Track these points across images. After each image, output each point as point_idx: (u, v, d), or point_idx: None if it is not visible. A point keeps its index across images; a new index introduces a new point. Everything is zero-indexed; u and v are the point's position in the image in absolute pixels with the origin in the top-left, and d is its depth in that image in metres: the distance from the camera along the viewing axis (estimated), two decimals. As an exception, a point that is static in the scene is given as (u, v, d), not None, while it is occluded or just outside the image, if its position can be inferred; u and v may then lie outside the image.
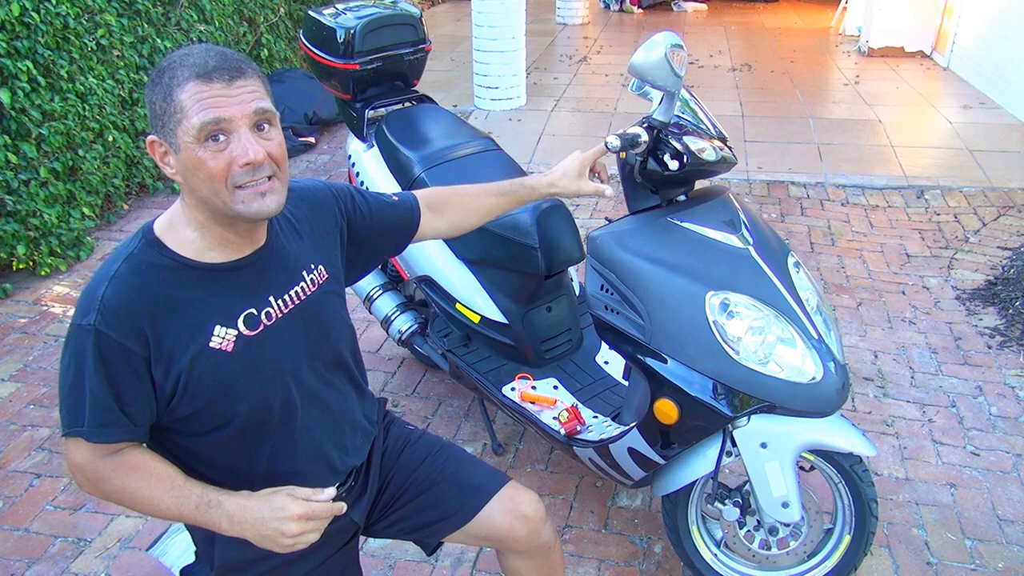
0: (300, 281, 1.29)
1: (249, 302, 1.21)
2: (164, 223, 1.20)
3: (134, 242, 1.18)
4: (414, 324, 2.60)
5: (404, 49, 2.70)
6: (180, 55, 1.11)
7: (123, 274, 1.14)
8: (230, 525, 1.15)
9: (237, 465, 1.25)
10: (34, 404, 2.77)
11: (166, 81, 1.09)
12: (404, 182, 2.44)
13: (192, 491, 1.16)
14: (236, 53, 1.15)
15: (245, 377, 1.20)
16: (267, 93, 1.15)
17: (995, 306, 3.30)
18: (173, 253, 1.17)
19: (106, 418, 1.13)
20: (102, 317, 1.11)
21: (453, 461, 1.53)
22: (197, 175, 1.10)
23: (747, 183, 4.61)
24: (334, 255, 1.40)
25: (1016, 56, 5.64)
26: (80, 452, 1.16)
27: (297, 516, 1.13)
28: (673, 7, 10.48)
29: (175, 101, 1.08)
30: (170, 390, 1.16)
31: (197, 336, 1.16)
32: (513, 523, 1.46)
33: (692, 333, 1.62)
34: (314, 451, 1.33)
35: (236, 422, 1.21)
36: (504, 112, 5.91)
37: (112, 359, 1.11)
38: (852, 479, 1.80)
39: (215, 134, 1.08)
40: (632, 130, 1.67)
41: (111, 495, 1.18)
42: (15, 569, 2.10)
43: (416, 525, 1.50)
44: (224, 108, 1.08)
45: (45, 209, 3.52)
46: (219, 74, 1.08)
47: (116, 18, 3.98)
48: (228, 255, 1.20)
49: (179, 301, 1.15)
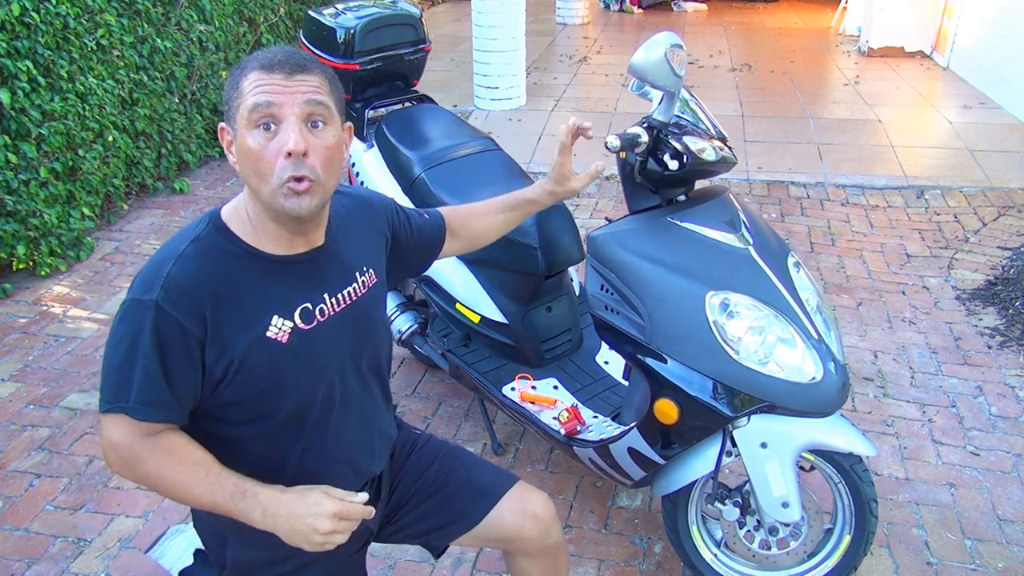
0: (353, 282, 1.31)
1: (305, 296, 1.22)
2: (230, 210, 1.21)
3: (201, 225, 1.19)
4: (414, 324, 2.60)
5: (404, 49, 2.70)
6: (258, 51, 1.15)
7: (191, 254, 1.14)
8: (263, 517, 1.14)
9: (269, 459, 1.25)
10: (34, 404, 2.77)
11: (238, 72, 1.14)
12: (404, 182, 2.44)
13: (228, 479, 1.15)
14: (310, 57, 1.16)
15: (295, 371, 1.21)
16: (330, 92, 1.16)
17: (995, 306, 3.30)
18: (239, 239, 1.18)
19: (153, 396, 1.12)
20: (165, 294, 1.11)
21: (461, 464, 1.53)
22: (246, 162, 1.12)
23: (747, 183, 4.61)
24: (380, 261, 1.42)
25: (1016, 56, 5.64)
26: (119, 430, 1.14)
27: (332, 513, 1.13)
28: (673, 7, 10.48)
29: (238, 88, 1.12)
30: (219, 375, 1.15)
31: (255, 324, 1.16)
32: (523, 523, 1.46)
33: (692, 333, 1.62)
34: (344, 453, 1.33)
35: (278, 415, 1.22)
36: (504, 112, 5.91)
37: (168, 337, 1.11)
38: (852, 479, 1.80)
39: (266, 121, 1.10)
40: (632, 130, 1.67)
41: (144, 477, 1.16)
42: (15, 569, 2.10)
43: (426, 529, 1.50)
44: (277, 95, 1.10)
45: (45, 209, 3.52)
46: (281, 67, 1.11)
47: (116, 18, 3.97)
48: (286, 249, 1.21)
49: (241, 287, 1.16)
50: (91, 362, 3.01)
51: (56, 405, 2.76)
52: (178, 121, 4.64)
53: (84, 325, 3.26)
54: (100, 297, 3.48)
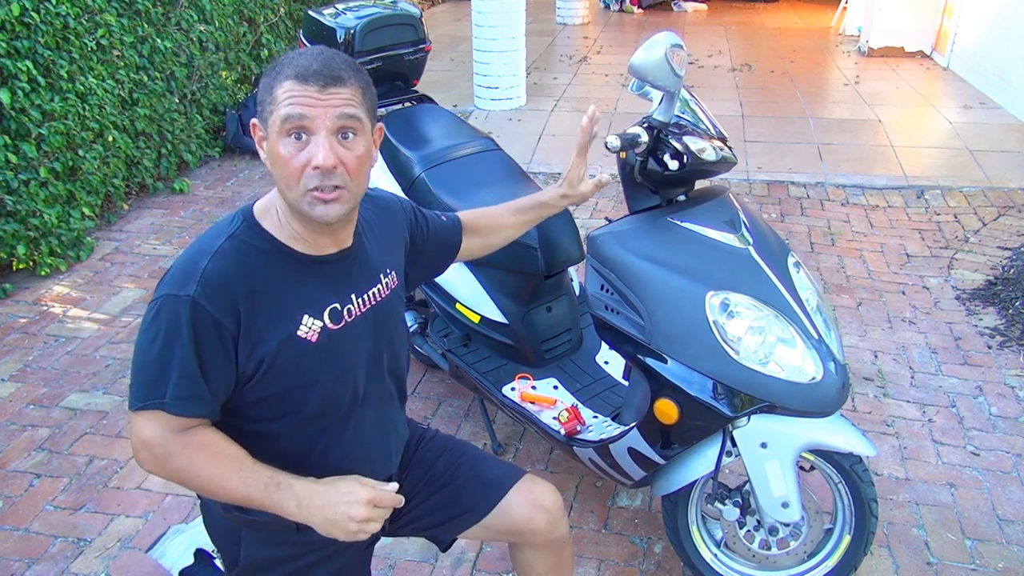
0: (377, 283, 1.33)
1: (334, 297, 1.24)
2: (262, 207, 1.23)
3: (236, 222, 1.20)
4: (414, 324, 2.60)
5: (404, 49, 2.70)
6: (294, 54, 1.16)
7: (227, 250, 1.16)
8: (298, 508, 1.15)
9: (290, 456, 1.25)
10: (34, 404, 2.77)
11: (273, 74, 1.15)
12: (404, 182, 2.44)
13: (262, 472, 1.16)
14: (345, 60, 1.16)
15: (322, 370, 1.22)
16: (362, 103, 1.16)
17: (995, 306, 3.30)
18: (272, 237, 1.20)
19: (191, 391, 1.13)
20: (202, 290, 1.11)
21: (468, 457, 1.54)
22: (276, 166, 1.15)
23: (747, 183, 4.61)
24: (400, 264, 1.44)
25: (1016, 56, 5.64)
26: (152, 426, 1.13)
27: (366, 500, 1.15)
28: (673, 7, 10.49)
29: (272, 93, 1.13)
30: (251, 372, 1.17)
31: (287, 322, 1.18)
32: (532, 514, 1.47)
33: (692, 333, 1.62)
34: (362, 452, 1.34)
35: (303, 412, 1.23)
36: (504, 112, 5.91)
37: (204, 333, 1.12)
38: (852, 479, 1.80)
39: (297, 132, 1.12)
40: (632, 130, 1.68)
41: (176, 473, 1.16)
42: (15, 569, 2.10)
43: (435, 522, 1.50)
44: (310, 108, 1.11)
45: (45, 209, 3.52)
46: (316, 78, 1.11)
47: (116, 18, 3.97)
48: (314, 249, 1.23)
49: (274, 285, 1.18)
50: (91, 362, 3.01)
51: (56, 405, 2.76)
52: (178, 121, 4.64)
53: (84, 325, 3.26)
54: (100, 297, 3.48)
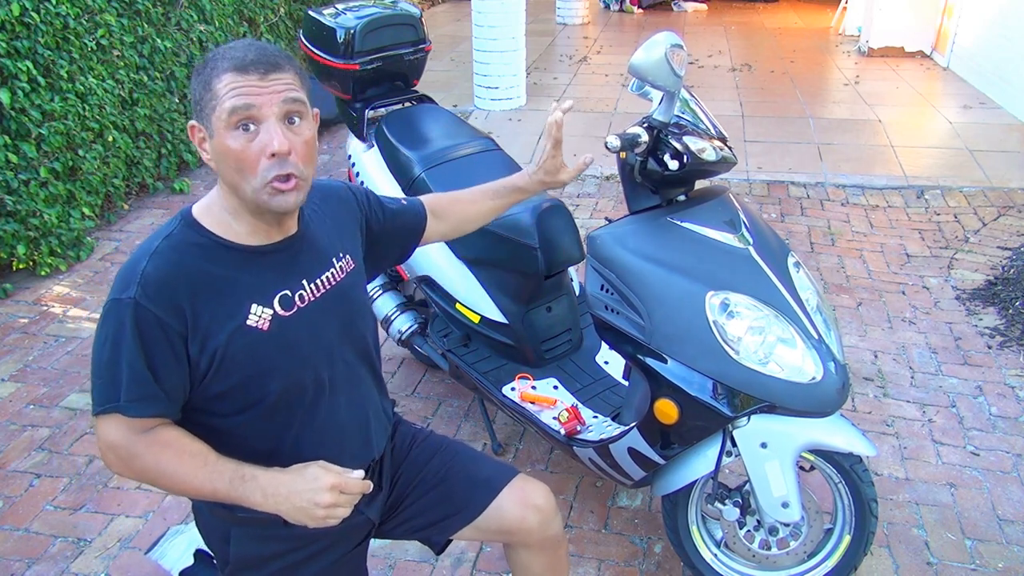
0: (330, 267, 1.33)
1: (283, 284, 1.24)
2: (202, 206, 1.23)
3: (174, 223, 1.21)
4: (414, 324, 2.60)
5: (404, 49, 2.70)
6: (224, 48, 1.16)
7: (164, 250, 1.17)
8: (263, 499, 1.16)
9: (263, 447, 1.26)
10: (34, 404, 2.77)
11: (208, 71, 1.14)
12: (404, 182, 2.44)
13: (226, 466, 1.17)
14: (277, 49, 1.18)
15: (279, 357, 1.22)
16: (302, 87, 1.17)
17: (995, 306, 3.30)
18: (210, 233, 1.20)
19: (143, 392, 1.14)
20: (142, 291, 1.13)
21: (461, 457, 1.54)
22: (226, 162, 1.14)
23: (747, 183, 4.61)
24: (356, 247, 1.44)
25: (1016, 56, 5.64)
26: (113, 429, 1.15)
27: (331, 486, 1.15)
28: (673, 7, 10.48)
29: (212, 90, 1.12)
30: (204, 367, 1.17)
31: (235, 314, 1.18)
32: (525, 514, 1.47)
33: (692, 333, 1.62)
34: (338, 439, 1.34)
35: (266, 402, 1.23)
36: (504, 112, 5.91)
37: (150, 333, 1.13)
38: (852, 479, 1.80)
39: (245, 123, 1.12)
40: (632, 130, 1.68)
41: (142, 473, 1.18)
42: (15, 569, 2.10)
43: (427, 522, 1.50)
44: (255, 96, 1.11)
45: (45, 209, 3.52)
46: (255, 67, 1.12)
47: (116, 18, 3.97)
48: (261, 240, 1.23)
49: (217, 279, 1.18)
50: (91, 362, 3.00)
51: (56, 405, 2.76)
52: (178, 121, 4.64)
53: (84, 325, 3.26)
54: (100, 297, 3.48)
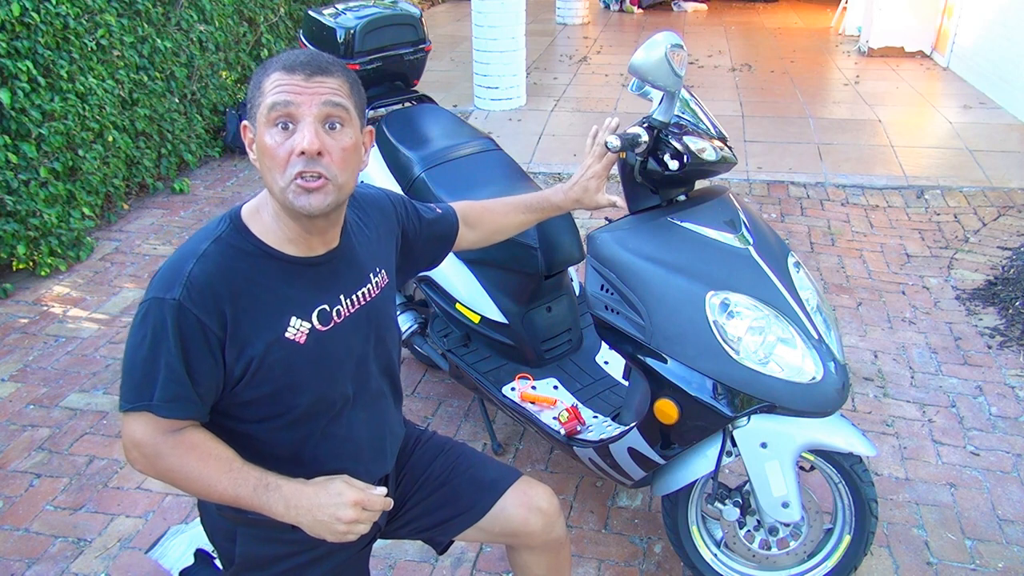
0: (367, 283, 1.32)
1: (323, 298, 1.24)
2: (251, 209, 1.23)
3: (222, 225, 1.20)
4: (414, 324, 2.60)
5: (404, 49, 2.70)
6: (282, 54, 1.17)
7: (212, 254, 1.16)
8: (285, 509, 1.16)
9: (282, 456, 1.26)
10: (34, 404, 2.77)
11: (261, 72, 1.16)
12: (404, 182, 2.44)
13: (251, 473, 1.17)
14: (333, 59, 1.18)
15: (312, 371, 1.22)
16: (349, 95, 1.17)
17: (995, 306, 3.30)
18: (258, 240, 1.20)
19: (177, 393, 1.13)
20: (187, 292, 1.12)
21: (464, 459, 1.54)
22: (262, 159, 1.15)
23: (747, 183, 4.61)
24: (391, 261, 1.44)
25: (1016, 56, 5.64)
26: (141, 427, 1.15)
27: (354, 502, 1.15)
28: (673, 7, 10.48)
29: (260, 88, 1.14)
30: (239, 374, 1.17)
31: (274, 325, 1.18)
32: (528, 516, 1.47)
33: (692, 333, 1.62)
34: (355, 452, 1.34)
35: (292, 414, 1.23)
36: (504, 112, 5.91)
37: (191, 335, 1.13)
38: (852, 479, 1.80)
39: (284, 120, 1.12)
40: (632, 130, 1.68)
41: (166, 473, 1.17)
42: (15, 569, 2.10)
43: (430, 523, 1.50)
44: (296, 95, 1.11)
45: (45, 209, 3.52)
46: (303, 68, 1.12)
47: (116, 18, 3.97)
48: (304, 251, 1.23)
49: (260, 288, 1.18)
50: (91, 362, 3.01)
51: (56, 405, 2.76)
52: (178, 121, 4.64)
53: (84, 325, 3.26)
54: (100, 297, 3.48)
